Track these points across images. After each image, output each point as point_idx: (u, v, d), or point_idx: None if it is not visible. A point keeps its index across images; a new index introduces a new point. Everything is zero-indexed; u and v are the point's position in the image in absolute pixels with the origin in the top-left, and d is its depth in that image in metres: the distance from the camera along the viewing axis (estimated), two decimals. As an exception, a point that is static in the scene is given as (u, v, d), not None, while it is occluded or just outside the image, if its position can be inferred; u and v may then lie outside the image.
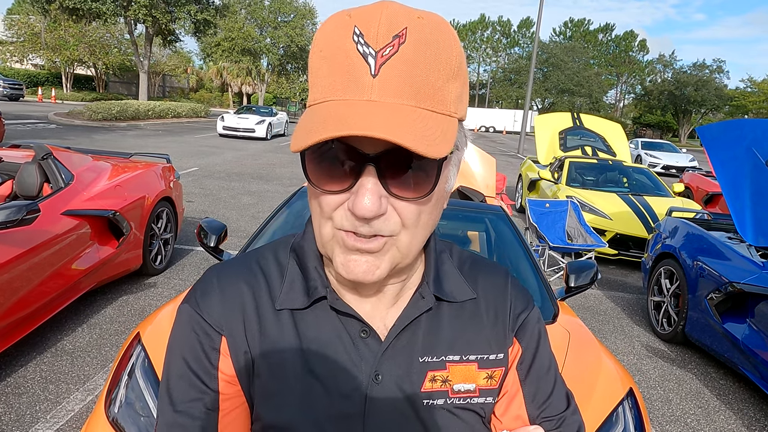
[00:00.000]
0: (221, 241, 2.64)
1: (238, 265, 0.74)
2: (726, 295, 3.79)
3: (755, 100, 46.21)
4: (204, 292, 0.70)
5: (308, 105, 0.60)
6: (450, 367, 0.70)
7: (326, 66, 0.57)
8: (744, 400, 3.62)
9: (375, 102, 0.54)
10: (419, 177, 0.57)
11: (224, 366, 0.67)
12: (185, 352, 0.68)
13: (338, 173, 0.57)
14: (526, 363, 0.75)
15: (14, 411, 2.66)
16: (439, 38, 0.56)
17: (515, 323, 0.75)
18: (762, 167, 4.03)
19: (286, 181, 10.66)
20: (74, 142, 12.01)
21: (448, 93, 0.57)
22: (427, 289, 0.71)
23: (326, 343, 0.68)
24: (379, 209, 0.56)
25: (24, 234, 3.11)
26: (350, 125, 0.51)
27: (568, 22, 74.62)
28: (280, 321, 0.69)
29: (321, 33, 0.58)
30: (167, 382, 0.68)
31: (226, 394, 0.67)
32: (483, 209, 3.09)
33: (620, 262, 6.73)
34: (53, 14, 25.18)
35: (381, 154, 0.55)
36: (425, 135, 0.53)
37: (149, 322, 2.02)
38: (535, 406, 0.74)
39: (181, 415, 0.66)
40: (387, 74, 0.54)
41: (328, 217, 0.60)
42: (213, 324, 0.68)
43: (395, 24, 0.55)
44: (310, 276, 0.70)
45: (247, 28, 40.02)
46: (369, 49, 0.54)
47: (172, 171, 5.13)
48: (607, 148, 9.18)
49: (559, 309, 2.32)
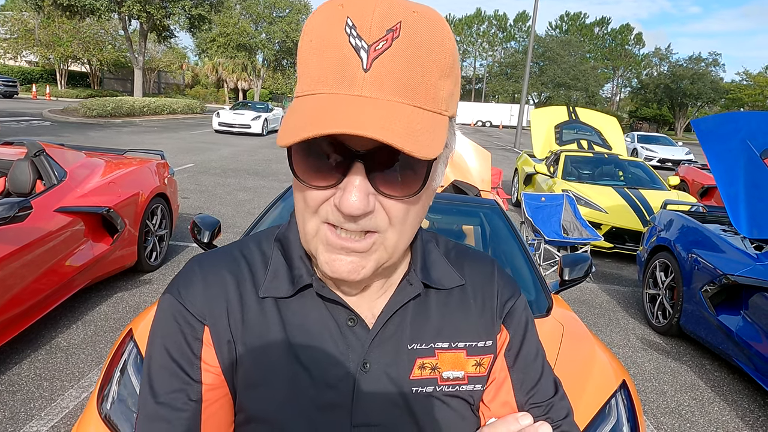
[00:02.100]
0: (215, 237, 2.64)
1: (220, 254, 0.72)
2: (720, 288, 3.80)
3: (751, 93, 46.25)
4: (186, 281, 0.69)
5: (296, 95, 0.58)
6: (439, 354, 0.69)
7: (316, 57, 0.55)
8: (738, 392, 3.64)
9: (365, 98, 0.52)
10: (408, 175, 0.56)
11: (207, 356, 0.66)
12: (167, 342, 0.66)
13: (326, 169, 0.56)
14: (513, 350, 0.75)
15: (8, 408, 2.66)
16: (434, 35, 0.55)
17: (503, 311, 0.75)
18: (756, 160, 4.04)
19: (282, 176, 10.63)
20: (69, 139, 11.95)
21: (440, 91, 0.56)
22: (414, 276, 0.70)
23: (312, 332, 0.66)
24: (366, 207, 0.55)
25: (16, 231, 3.09)
26: (340, 123, 0.50)
27: (564, 15, 74.55)
28: (264, 309, 0.67)
29: (311, 21, 0.57)
30: (148, 373, 0.66)
31: (209, 385, 0.66)
32: (478, 203, 3.09)
33: (616, 255, 6.74)
34: (47, 10, 25.01)
35: (370, 151, 0.54)
36: (416, 134, 0.51)
37: (142, 318, 2.01)
38: (523, 393, 0.74)
39: (163, 406, 0.64)
40: (379, 70, 0.52)
41: (313, 211, 0.58)
42: (195, 313, 0.66)
43: (389, 17, 0.53)
44: (295, 265, 0.68)
45: (242, 23, 39.88)
46: (362, 43, 0.52)
47: (167, 167, 5.11)
48: (602, 142, 9.19)
49: (554, 302, 2.32)
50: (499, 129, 47.55)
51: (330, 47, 0.54)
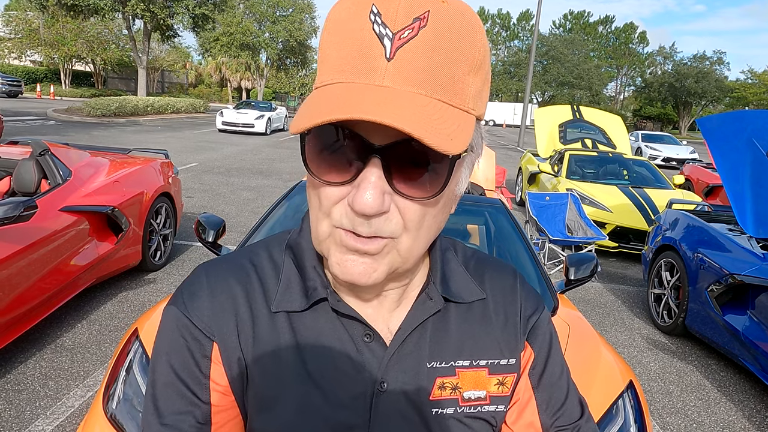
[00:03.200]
0: (219, 236, 2.63)
1: (228, 263, 0.68)
2: (726, 287, 3.78)
3: (756, 92, 46.07)
4: (192, 293, 0.64)
5: (315, 87, 0.55)
6: (460, 373, 0.66)
7: (336, 45, 0.52)
8: (745, 392, 3.62)
9: (387, 88, 0.49)
10: (428, 175, 0.52)
11: (216, 375, 0.62)
12: (172, 358, 0.62)
13: (340, 162, 0.52)
14: (538, 369, 0.71)
15: (14, 407, 2.66)
16: (464, 26, 0.51)
17: (526, 326, 0.71)
18: (762, 158, 4.01)
19: (286, 176, 10.64)
20: (73, 139, 11.99)
21: (467, 86, 0.52)
22: (434, 290, 0.66)
23: (327, 348, 0.63)
24: (381, 206, 0.51)
25: (22, 230, 3.10)
26: (359, 109, 0.46)
27: (568, 14, 74.26)
28: (276, 324, 0.63)
29: (335, 9, 0.54)
30: (153, 390, 0.62)
31: (218, 406, 0.62)
32: (482, 202, 3.08)
33: (620, 254, 6.72)
34: (51, 10, 25.10)
35: (388, 145, 0.50)
36: (440, 128, 0.48)
37: (147, 317, 2.01)
38: (548, 415, 0.70)
39: (169, 428, 0.60)
40: (403, 59, 0.49)
41: (326, 212, 0.55)
42: (203, 329, 0.62)
43: (417, 5, 0.50)
44: (308, 276, 0.65)
45: (245, 22, 39.91)
46: (386, 30, 0.49)
47: (171, 166, 5.11)
48: (607, 141, 9.16)
49: (559, 302, 2.32)
50: (502, 128, 47.48)
51: (352, 34, 0.51)
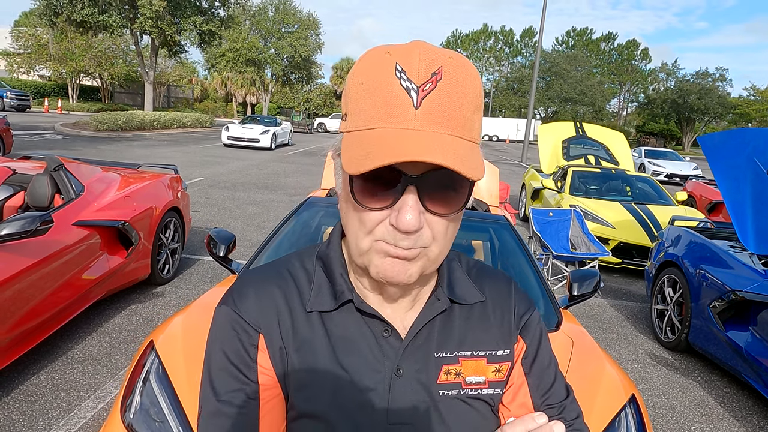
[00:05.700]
0: (230, 251, 2.69)
1: (268, 271, 0.82)
2: (729, 304, 3.82)
3: (758, 108, 46.15)
4: (240, 294, 0.78)
5: (349, 130, 0.66)
6: (462, 362, 0.79)
7: (369, 97, 0.63)
8: (748, 408, 3.64)
9: (418, 131, 0.61)
10: (451, 195, 0.66)
11: (262, 360, 0.75)
12: (225, 347, 0.75)
13: (382, 192, 0.64)
14: (529, 358, 0.84)
15: (27, 418, 2.71)
16: (467, 75, 0.65)
17: (519, 323, 0.85)
18: (763, 176, 4.06)
19: (291, 190, 10.73)
20: (81, 152, 12.14)
21: (474, 122, 0.66)
22: (442, 293, 0.80)
23: (353, 341, 0.76)
24: (419, 224, 0.63)
25: (37, 244, 3.17)
26: (408, 152, 0.59)
27: (571, 31, 74.92)
28: (311, 321, 0.77)
29: (361, 66, 0.66)
30: (209, 374, 0.75)
31: (265, 386, 0.75)
32: (487, 218, 3.13)
33: (624, 270, 6.75)
34: (60, 26, 25.45)
35: (421, 175, 0.63)
36: (464, 160, 0.61)
37: (162, 330, 2.07)
38: (538, 395, 0.83)
39: (224, 404, 0.73)
40: (427, 107, 0.62)
41: (368, 231, 0.67)
42: (251, 322, 0.75)
43: (432, 63, 0.63)
44: (337, 281, 0.78)
45: (251, 38, 40.39)
46: (412, 84, 0.62)
47: (180, 181, 5.20)
48: (610, 157, 9.21)
49: (563, 317, 2.36)
50: (505, 143, 47.64)
51: (381, 88, 0.63)
